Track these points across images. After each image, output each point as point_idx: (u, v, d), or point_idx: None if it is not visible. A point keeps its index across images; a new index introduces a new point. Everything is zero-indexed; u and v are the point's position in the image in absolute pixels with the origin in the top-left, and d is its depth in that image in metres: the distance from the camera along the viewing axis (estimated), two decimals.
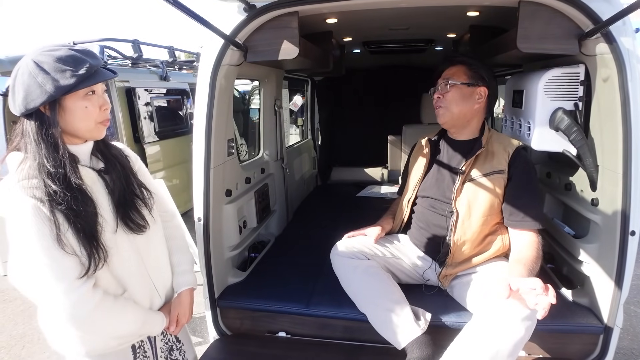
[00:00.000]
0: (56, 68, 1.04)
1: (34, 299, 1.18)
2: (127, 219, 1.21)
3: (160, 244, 1.36)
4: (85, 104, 1.10)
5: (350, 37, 3.00)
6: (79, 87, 1.06)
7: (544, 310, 1.25)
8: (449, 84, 1.75)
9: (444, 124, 1.82)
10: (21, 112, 1.06)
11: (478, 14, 2.11)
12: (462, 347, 1.44)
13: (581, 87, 1.76)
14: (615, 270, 1.59)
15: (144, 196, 1.29)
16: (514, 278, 1.35)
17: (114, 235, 1.17)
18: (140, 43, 4.15)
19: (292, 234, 2.81)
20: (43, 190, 1.04)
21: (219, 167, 1.90)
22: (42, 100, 1.03)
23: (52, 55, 1.05)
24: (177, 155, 4.22)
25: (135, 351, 1.31)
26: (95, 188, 1.16)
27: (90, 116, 1.12)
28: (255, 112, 3.80)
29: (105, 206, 1.17)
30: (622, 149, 1.54)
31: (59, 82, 1.03)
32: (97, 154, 1.22)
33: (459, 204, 1.73)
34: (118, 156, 1.28)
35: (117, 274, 1.19)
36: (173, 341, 1.46)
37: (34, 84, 1.03)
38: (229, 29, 1.75)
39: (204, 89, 1.80)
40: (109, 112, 1.17)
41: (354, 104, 4.77)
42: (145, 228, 1.25)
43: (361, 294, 1.73)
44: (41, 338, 2.98)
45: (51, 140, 1.07)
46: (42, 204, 1.04)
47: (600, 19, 1.52)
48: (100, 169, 1.20)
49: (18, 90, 1.05)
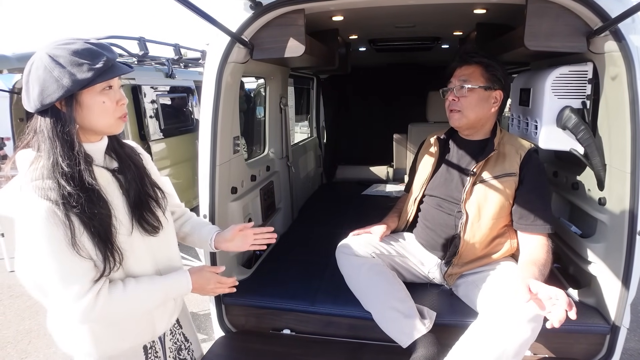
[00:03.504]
0: (73, 62, 1.00)
1: (41, 301, 1.17)
2: (143, 220, 1.18)
3: (173, 244, 1.34)
4: (102, 99, 1.06)
5: (356, 35, 3.00)
6: (97, 81, 1.02)
7: (559, 322, 1.22)
8: (466, 88, 1.70)
9: (459, 127, 1.79)
10: (36, 108, 1.02)
11: (485, 11, 2.10)
12: (468, 346, 1.43)
13: (589, 85, 1.75)
14: (622, 270, 1.58)
15: (157, 197, 1.26)
16: (533, 281, 1.32)
17: (129, 237, 1.14)
18: (146, 41, 4.16)
19: (297, 232, 2.82)
20: (58, 192, 1.01)
21: (224, 164, 1.91)
22: (59, 95, 0.99)
23: (68, 49, 1.01)
24: (183, 152, 4.24)
25: (147, 351, 1.29)
26: (110, 189, 1.13)
27: (107, 111, 1.08)
28: (260, 109, 3.81)
29: (120, 208, 1.14)
30: (630, 147, 1.53)
31: (76, 76, 0.99)
32: (110, 153, 1.19)
33: (468, 206, 1.71)
34: (132, 155, 1.25)
35: (132, 275, 1.17)
36: (182, 341, 1.44)
37: (49, 78, 0.99)
38: (236, 27, 1.75)
39: (210, 86, 1.80)
40: (125, 107, 1.13)
41: (360, 102, 4.76)
42: (159, 229, 1.23)
43: (366, 292, 1.73)
44: (47, 333, 2.98)
45: (67, 138, 1.03)
46: (56, 206, 1.00)
47: (609, 17, 1.50)
48: (114, 169, 1.17)
49: (33, 86, 1.01)
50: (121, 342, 1.21)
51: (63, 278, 1.03)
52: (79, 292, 1.04)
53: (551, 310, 1.25)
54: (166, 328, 1.33)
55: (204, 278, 1.31)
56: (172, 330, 1.38)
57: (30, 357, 2.77)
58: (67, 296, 1.04)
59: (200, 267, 1.34)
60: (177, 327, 1.42)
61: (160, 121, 3.96)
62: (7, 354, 2.82)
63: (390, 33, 2.93)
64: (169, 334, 1.37)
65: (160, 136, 3.96)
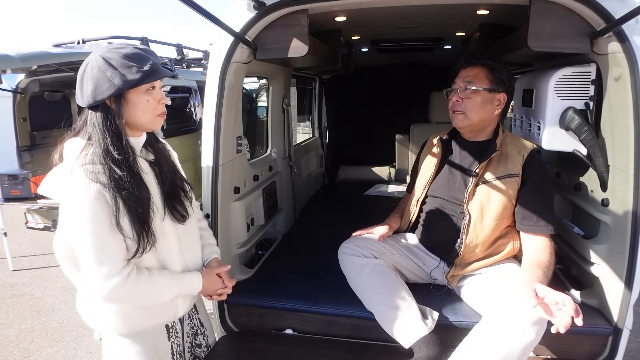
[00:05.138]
0: (123, 64, 1.13)
1: (73, 279, 1.28)
2: (174, 209, 1.31)
3: (196, 234, 1.47)
4: (147, 97, 1.20)
5: (359, 36, 3.00)
6: (144, 82, 1.15)
7: (565, 328, 1.22)
8: (470, 89, 1.70)
9: (461, 129, 1.79)
10: (89, 103, 1.15)
11: (488, 12, 2.10)
12: (472, 348, 1.43)
13: (592, 86, 1.75)
14: (625, 272, 1.57)
15: (186, 189, 1.40)
16: (539, 285, 1.32)
17: (162, 222, 1.26)
18: (148, 41, 4.17)
19: (299, 232, 2.82)
20: (108, 176, 1.12)
21: (227, 164, 1.91)
22: (111, 92, 1.12)
23: (120, 53, 1.14)
24: (185, 152, 4.23)
25: (169, 330, 1.40)
26: (148, 178, 1.25)
27: (150, 109, 1.22)
28: (262, 110, 3.81)
29: (156, 195, 1.26)
30: (633, 148, 1.52)
31: (126, 77, 1.13)
32: (147, 146, 1.32)
33: (471, 207, 1.71)
34: (165, 150, 1.40)
35: (161, 258, 1.28)
36: (198, 325, 1.55)
37: (103, 77, 1.12)
38: (239, 27, 1.75)
39: (213, 86, 1.80)
40: (164, 105, 1.27)
41: (362, 103, 4.76)
42: (186, 218, 1.35)
43: (368, 292, 1.73)
44: (49, 332, 3.02)
45: (115, 131, 1.16)
46: (105, 189, 1.11)
47: (612, 18, 1.50)
48: (151, 160, 1.30)
49: (87, 83, 1.14)
50: (148, 320, 1.31)
51: (97, 256, 1.13)
52: (109, 271, 1.14)
53: (557, 315, 1.24)
54: (185, 311, 1.43)
55: (212, 282, 1.43)
56: (189, 315, 1.50)
57: (33, 356, 2.78)
58: (98, 274, 1.14)
59: (210, 270, 1.45)
60: (194, 312, 1.53)
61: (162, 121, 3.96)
62: (9, 352, 2.83)
63: (392, 34, 2.93)
64: (187, 318, 1.48)
65: (162, 136, 3.96)
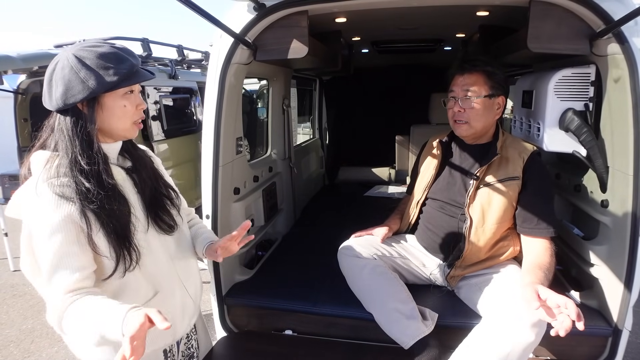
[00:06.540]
0: (99, 65, 1.01)
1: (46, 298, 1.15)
2: (158, 219, 1.19)
3: (188, 245, 1.34)
4: (124, 102, 1.08)
5: (359, 37, 3.00)
6: (121, 85, 1.04)
7: (565, 332, 1.21)
8: (472, 99, 1.67)
9: (465, 137, 1.78)
10: (58, 107, 1.02)
11: (488, 13, 2.10)
12: (471, 349, 1.43)
13: (592, 87, 1.75)
14: (624, 273, 1.58)
15: (171, 197, 1.27)
16: (541, 287, 1.31)
17: (145, 235, 1.14)
18: (149, 42, 4.17)
19: (299, 233, 2.82)
20: (74, 189, 1.01)
21: (227, 165, 1.91)
22: (84, 96, 1.00)
23: (95, 52, 1.02)
24: (185, 153, 4.24)
25: (167, 355, 1.27)
26: (125, 186, 1.13)
27: (127, 115, 1.09)
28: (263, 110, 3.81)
29: (136, 205, 1.14)
30: (633, 150, 1.53)
31: (102, 79, 1.00)
32: (124, 153, 1.20)
33: (472, 211, 1.70)
34: (144, 156, 1.26)
35: (149, 274, 1.15)
36: (195, 348, 1.43)
37: (75, 79, 1.00)
38: (239, 28, 1.76)
39: (213, 87, 1.80)
40: (142, 112, 1.15)
41: (362, 104, 4.76)
42: (174, 229, 1.24)
43: (368, 293, 1.73)
44: (50, 332, 3.02)
45: (86, 138, 1.03)
46: (71, 203, 1.00)
47: (612, 19, 1.50)
48: (128, 167, 1.18)
49: (57, 85, 1.01)
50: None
51: (52, 271, 1.00)
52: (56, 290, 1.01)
53: (558, 318, 1.24)
54: (185, 332, 1.32)
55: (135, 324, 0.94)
56: (188, 335, 1.38)
57: (33, 357, 2.78)
58: (51, 290, 1.02)
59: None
60: (193, 332, 1.41)
61: (163, 122, 3.96)
62: (9, 352, 2.83)
63: (393, 35, 2.94)
64: (184, 337, 1.35)
65: (163, 137, 3.97)
